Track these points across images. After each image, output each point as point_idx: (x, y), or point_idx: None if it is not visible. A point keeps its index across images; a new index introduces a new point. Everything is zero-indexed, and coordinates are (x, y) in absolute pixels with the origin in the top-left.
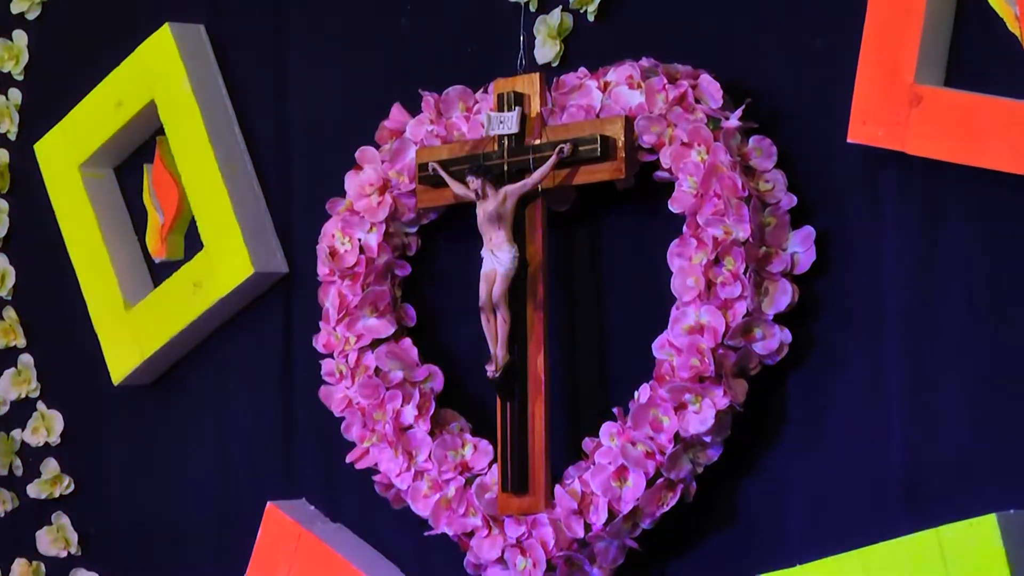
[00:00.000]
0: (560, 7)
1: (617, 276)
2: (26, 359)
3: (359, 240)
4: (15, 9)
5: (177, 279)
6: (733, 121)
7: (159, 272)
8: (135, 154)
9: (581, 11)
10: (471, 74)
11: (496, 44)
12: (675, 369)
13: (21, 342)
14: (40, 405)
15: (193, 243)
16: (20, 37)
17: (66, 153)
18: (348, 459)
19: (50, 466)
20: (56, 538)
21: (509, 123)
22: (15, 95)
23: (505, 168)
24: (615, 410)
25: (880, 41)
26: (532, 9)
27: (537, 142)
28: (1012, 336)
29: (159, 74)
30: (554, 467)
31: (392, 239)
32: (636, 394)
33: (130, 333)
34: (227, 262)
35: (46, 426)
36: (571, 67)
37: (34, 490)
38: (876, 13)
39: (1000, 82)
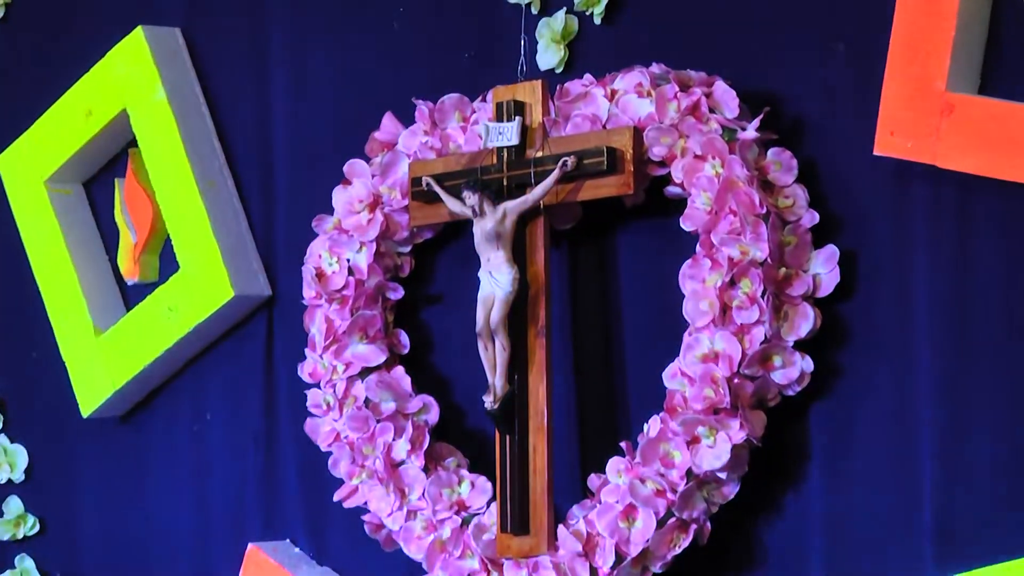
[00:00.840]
0: (564, 9)
1: (625, 299)
2: None
3: (348, 261)
4: None
5: (151, 303)
6: (750, 132)
7: (132, 295)
8: (106, 168)
9: (587, 13)
10: (468, 81)
11: (495, 49)
12: (687, 400)
13: None
14: (2, 439)
15: (168, 264)
16: None
17: (31, 167)
18: (335, 497)
19: (13, 505)
20: None
21: (509, 134)
22: None
23: (504, 183)
24: (623, 444)
25: (909, 45)
26: (534, 11)
27: (539, 155)
28: None
29: (132, 81)
30: (557, 506)
31: (383, 259)
32: (646, 427)
33: (100, 361)
34: (205, 285)
35: (9, 462)
36: (576, 74)
37: None
38: (905, 15)
39: None
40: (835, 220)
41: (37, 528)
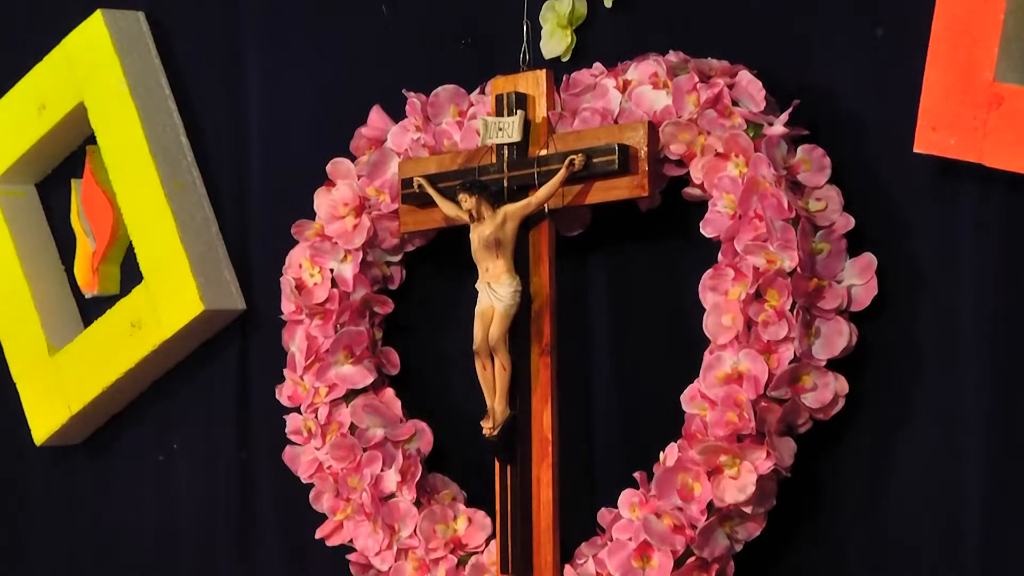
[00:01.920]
0: None
1: (639, 314)
2: None
3: (331, 271)
4: None
5: (111, 318)
6: (778, 127)
7: (90, 309)
8: (61, 167)
9: None
10: (465, 71)
11: (495, 35)
12: (708, 426)
13: None
14: None
15: (131, 275)
16: None
17: None
18: (318, 534)
19: None
20: None
21: (510, 130)
22: None
23: (505, 184)
24: (636, 475)
25: (954, 31)
26: None
27: (543, 153)
28: None
29: (90, 71)
30: (564, 543)
31: (370, 269)
32: (661, 456)
33: (56, 383)
34: (172, 298)
35: None
36: (584, 63)
37: None
38: None
39: None
40: (872, 225)
41: None
